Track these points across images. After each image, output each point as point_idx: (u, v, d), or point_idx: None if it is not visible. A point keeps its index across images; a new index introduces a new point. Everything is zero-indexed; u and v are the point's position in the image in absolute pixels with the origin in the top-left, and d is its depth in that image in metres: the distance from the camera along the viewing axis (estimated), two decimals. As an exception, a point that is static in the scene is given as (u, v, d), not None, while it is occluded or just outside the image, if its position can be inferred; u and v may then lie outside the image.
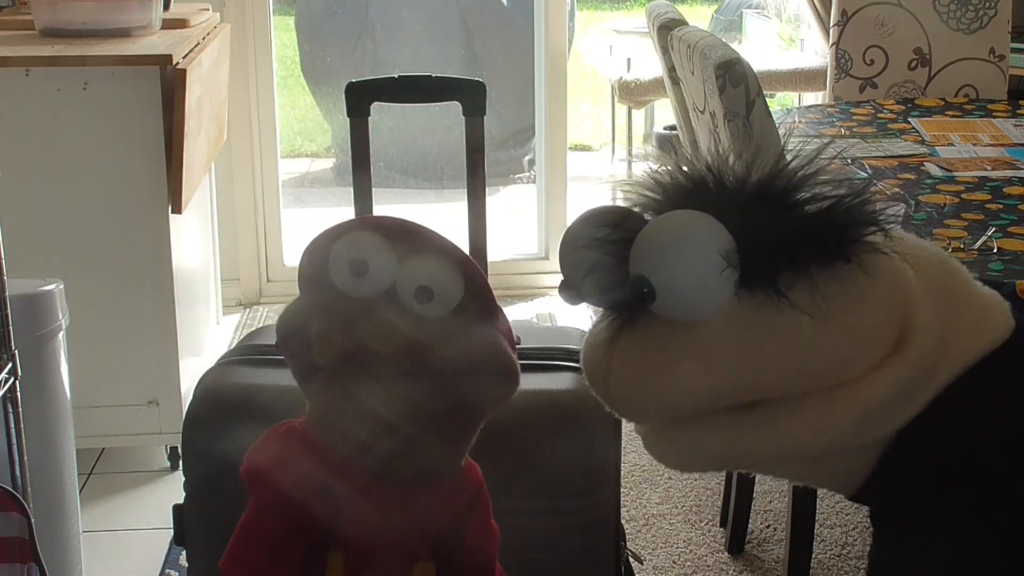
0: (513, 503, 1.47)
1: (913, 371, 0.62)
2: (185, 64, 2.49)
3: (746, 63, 1.99)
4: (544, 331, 1.73)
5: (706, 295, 0.56)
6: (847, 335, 0.59)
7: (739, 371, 0.57)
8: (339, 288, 1.07)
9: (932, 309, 0.65)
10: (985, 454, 0.64)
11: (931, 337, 0.63)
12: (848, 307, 0.59)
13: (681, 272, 0.55)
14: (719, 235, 0.56)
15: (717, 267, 0.55)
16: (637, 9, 7.55)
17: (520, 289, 3.75)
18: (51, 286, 1.99)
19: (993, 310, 0.66)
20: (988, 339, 0.64)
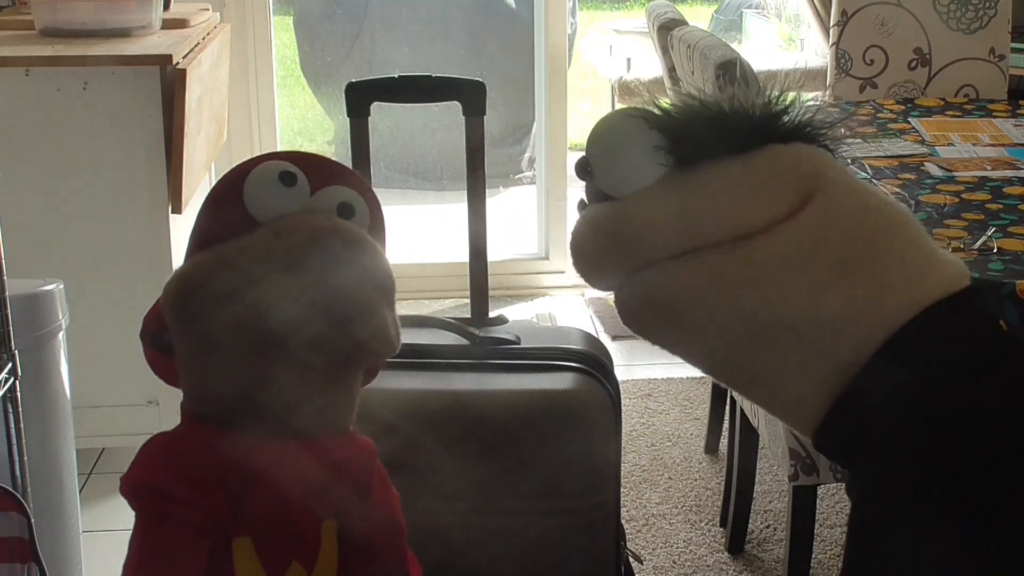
0: (513, 503, 1.47)
1: (810, 232, 0.65)
2: (185, 64, 2.49)
3: (746, 63, 1.99)
4: (544, 331, 1.73)
5: (630, 166, 0.67)
6: (749, 181, 0.66)
7: (663, 219, 0.66)
8: (256, 216, 1.04)
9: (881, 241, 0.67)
10: (940, 399, 0.65)
11: (839, 212, 0.66)
12: (755, 158, 0.67)
13: (608, 146, 0.68)
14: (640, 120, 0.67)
15: (638, 143, 0.68)
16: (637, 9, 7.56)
17: (520, 289, 3.75)
18: (51, 286, 1.99)
19: (951, 263, 0.67)
20: (940, 285, 0.65)
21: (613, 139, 0.69)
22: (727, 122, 0.68)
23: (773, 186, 0.66)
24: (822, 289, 0.64)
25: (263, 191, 1.04)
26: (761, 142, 0.68)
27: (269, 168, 1.07)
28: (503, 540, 1.48)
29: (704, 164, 0.67)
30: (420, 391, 1.48)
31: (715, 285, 0.67)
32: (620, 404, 1.53)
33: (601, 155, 0.69)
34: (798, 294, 0.65)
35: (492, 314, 1.68)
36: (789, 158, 0.67)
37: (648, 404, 2.99)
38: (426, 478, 1.46)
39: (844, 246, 0.65)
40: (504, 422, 1.46)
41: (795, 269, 0.64)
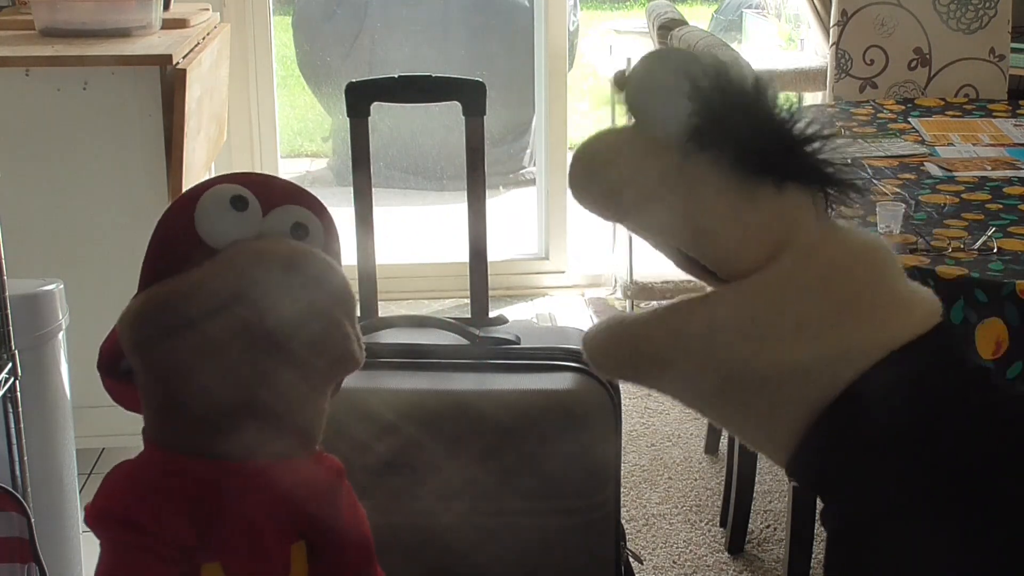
0: (513, 503, 1.47)
1: (774, 289, 0.67)
2: (185, 64, 2.49)
3: (746, 63, 1.99)
4: (544, 331, 1.73)
5: (658, 105, 0.69)
6: (727, 216, 0.68)
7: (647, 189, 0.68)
8: (208, 242, 1.03)
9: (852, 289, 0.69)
10: (906, 436, 0.66)
11: (804, 270, 0.68)
12: (742, 198, 0.69)
13: (650, 76, 0.69)
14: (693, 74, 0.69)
15: (676, 90, 0.69)
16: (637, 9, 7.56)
17: (520, 289, 3.75)
18: (51, 286, 1.99)
19: (921, 302, 0.69)
20: (908, 328, 0.67)
21: (660, 76, 0.69)
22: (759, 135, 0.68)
23: (747, 231, 0.68)
24: (789, 342, 0.66)
25: (215, 217, 1.03)
26: (766, 169, 0.68)
27: (219, 193, 1.06)
28: (503, 540, 1.48)
29: (712, 160, 0.68)
30: (420, 391, 1.48)
31: (681, 345, 0.69)
32: (620, 404, 1.53)
33: (639, 83, 0.70)
34: (764, 349, 0.66)
35: (492, 314, 1.68)
36: (770, 211, 0.68)
37: (648, 404, 2.99)
38: (426, 478, 1.46)
39: (810, 304, 0.66)
40: (504, 422, 1.46)
41: (760, 326, 0.66)
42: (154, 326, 0.99)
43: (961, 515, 0.65)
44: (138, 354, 1.01)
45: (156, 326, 0.99)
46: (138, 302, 1.03)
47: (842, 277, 0.67)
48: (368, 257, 1.68)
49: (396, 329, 1.59)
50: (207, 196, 1.04)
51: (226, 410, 0.99)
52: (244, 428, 1.01)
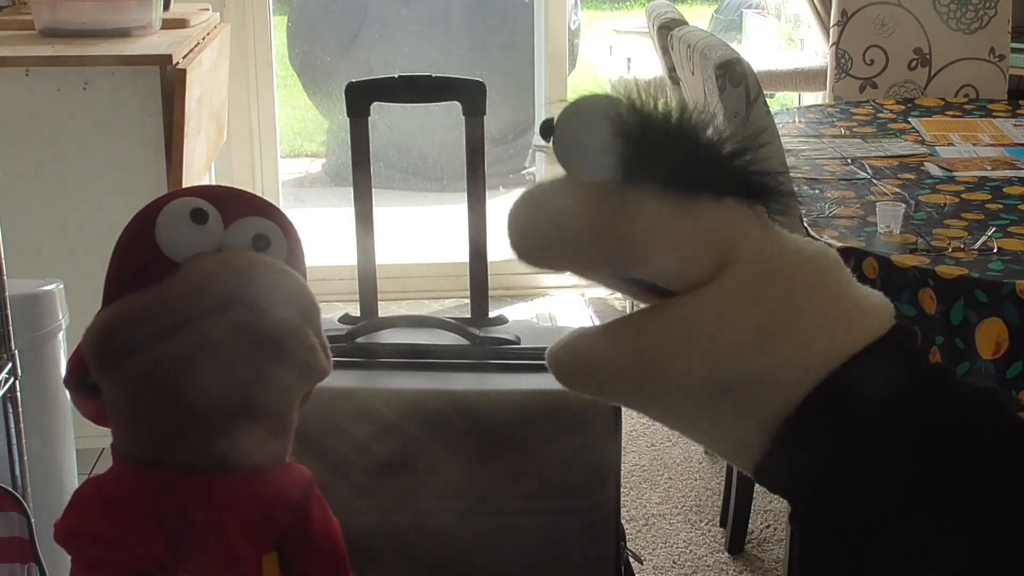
0: (513, 503, 1.47)
1: (724, 300, 0.68)
2: (185, 64, 2.49)
3: (746, 63, 1.99)
4: (544, 331, 1.73)
5: (585, 152, 0.69)
6: (670, 232, 0.69)
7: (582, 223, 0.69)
8: (170, 256, 1.03)
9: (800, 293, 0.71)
10: (870, 436, 0.68)
11: (753, 279, 0.69)
12: (682, 211, 0.70)
13: (574, 123, 0.71)
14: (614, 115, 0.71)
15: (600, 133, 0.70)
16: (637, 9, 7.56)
17: (520, 289, 3.75)
18: (51, 286, 1.99)
19: (873, 309, 0.70)
20: (866, 332, 0.68)
21: (581, 122, 0.72)
22: (682, 156, 0.70)
23: (690, 248, 0.69)
24: (746, 350, 0.67)
25: (175, 231, 1.04)
26: (699, 186, 0.70)
27: (179, 207, 1.06)
28: (503, 540, 1.48)
29: (644, 187, 0.69)
30: (420, 391, 1.48)
31: (640, 360, 0.70)
32: (620, 404, 1.53)
33: (566, 130, 0.72)
34: (722, 358, 0.68)
35: (492, 314, 1.68)
36: (712, 220, 0.69)
37: (648, 404, 2.99)
38: (426, 478, 1.46)
39: (760, 311, 0.67)
40: (504, 422, 1.46)
41: (715, 335, 0.67)
42: (118, 343, 1.00)
43: (930, 512, 0.66)
44: (103, 370, 1.01)
45: (120, 343, 0.99)
46: (101, 319, 1.03)
47: (791, 284, 0.68)
48: (368, 257, 1.68)
49: (396, 329, 1.59)
50: (167, 210, 1.05)
51: (194, 423, 1.00)
52: (212, 440, 1.01)
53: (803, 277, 0.69)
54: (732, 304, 0.67)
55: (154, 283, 1.02)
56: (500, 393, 1.48)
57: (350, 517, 1.45)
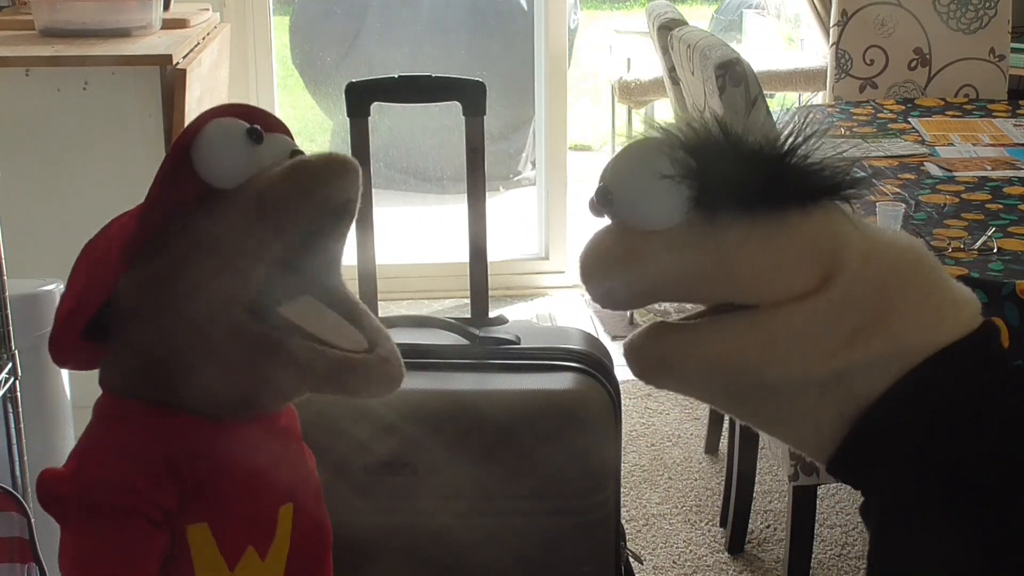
0: (513, 503, 1.47)
1: (831, 310, 0.68)
2: (185, 64, 2.49)
3: (746, 63, 1.99)
4: (544, 331, 1.73)
5: (653, 206, 0.68)
6: (770, 257, 0.68)
7: (678, 273, 0.68)
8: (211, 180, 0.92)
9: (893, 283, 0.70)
10: (949, 440, 0.67)
11: (858, 286, 0.69)
12: (776, 233, 0.69)
13: (632, 183, 0.68)
14: (666, 159, 0.69)
15: (663, 184, 0.68)
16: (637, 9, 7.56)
17: (520, 289, 3.75)
18: (51, 286, 1.99)
19: (965, 304, 0.70)
20: (955, 328, 0.68)
21: (639, 177, 0.68)
22: (750, 173, 0.68)
23: (793, 264, 0.68)
24: (844, 352, 0.67)
25: (228, 153, 0.92)
26: (781, 198, 0.68)
27: (230, 126, 0.94)
28: (503, 540, 1.48)
29: (725, 217, 0.68)
30: (420, 391, 1.48)
31: (739, 358, 0.69)
32: (620, 404, 1.53)
33: (625, 190, 0.69)
34: (820, 362, 0.67)
35: (492, 314, 1.68)
36: (809, 235, 0.68)
37: (648, 404, 2.99)
38: (426, 478, 1.46)
39: (863, 315, 0.67)
40: (504, 422, 1.46)
41: (815, 341, 0.67)
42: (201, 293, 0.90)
43: (1000, 511, 0.66)
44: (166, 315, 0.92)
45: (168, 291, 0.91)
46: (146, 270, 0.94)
47: (893, 285, 0.68)
48: (368, 257, 1.68)
49: (396, 329, 1.59)
50: (214, 129, 0.93)
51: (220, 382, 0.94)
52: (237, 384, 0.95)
53: (899, 276, 0.69)
54: (836, 313, 0.66)
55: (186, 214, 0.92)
56: (500, 393, 1.48)
57: (350, 517, 1.45)
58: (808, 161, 0.69)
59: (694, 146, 0.68)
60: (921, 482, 0.67)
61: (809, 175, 0.68)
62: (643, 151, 0.69)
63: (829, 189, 0.69)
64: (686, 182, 0.67)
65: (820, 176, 0.69)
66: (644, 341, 0.73)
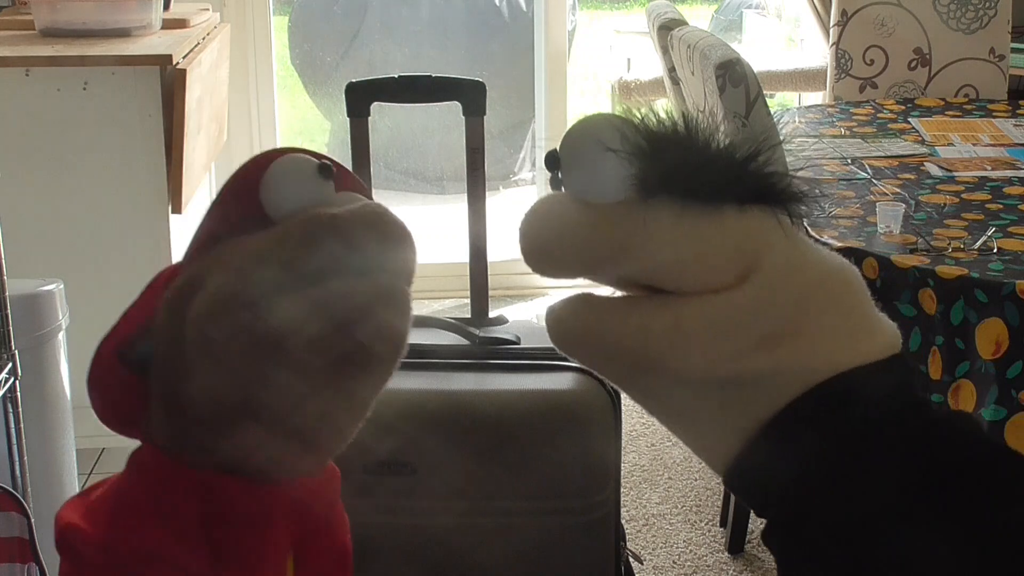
0: (513, 503, 1.47)
1: (741, 309, 0.68)
2: (185, 64, 2.49)
3: (746, 63, 1.99)
4: (544, 331, 1.73)
5: (595, 177, 0.69)
6: (694, 245, 0.69)
7: (606, 246, 0.69)
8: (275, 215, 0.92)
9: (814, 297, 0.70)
10: (844, 452, 0.68)
11: (774, 292, 0.69)
12: (707, 224, 0.70)
13: (578, 151, 0.69)
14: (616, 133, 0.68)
15: (607, 156, 0.67)
16: (637, 9, 7.56)
17: (520, 289, 3.75)
18: (51, 286, 1.99)
19: (882, 333, 0.70)
20: (866, 354, 0.68)
21: (587, 146, 0.70)
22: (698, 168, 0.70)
23: (714, 258, 0.68)
24: (748, 354, 0.67)
25: (298, 187, 0.93)
26: (721, 196, 0.70)
27: (301, 161, 0.95)
28: (503, 540, 1.48)
29: (662, 200, 0.69)
30: (420, 391, 1.48)
31: (640, 339, 0.69)
32: (620, 404, 1.53)
33: (572, 157, 0.70)
34: (722, 359, 0.67)
35: (492, 314, 1.68)
36: (737, 232, 0.69)
37: (648, 404, 2.99)
38: (426, 478, 1.46)
39: (773, 322, 0.67)
40: (504, 422, 1.46)
41: (720, 337, 0.67)
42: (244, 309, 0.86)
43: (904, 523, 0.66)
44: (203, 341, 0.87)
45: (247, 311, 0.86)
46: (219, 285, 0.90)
47: (807, 298, 0.68)
48: (368, 257, 1.68)
49: (396, 329, 1.59)
50: (285, 163, 0.94)
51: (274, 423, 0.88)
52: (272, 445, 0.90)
53: (821, 292, 0.69)
54: (747, 312, 0.66)
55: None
56: (500, 393, 1.48)
57: (350, 517, 1.45)
58: (760, 166, 0.69)
59: (649, 130, 0.70)
60: (811, 502, 0.68)
61: (756, 179, 0.69)
62: (595, 123, 0.70)
63: (771, 196, 0.70)
64: (630, 159, 0.68)
65: (766, 182, 0.69)
66: (564, 310, 0.73)
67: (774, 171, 0.71)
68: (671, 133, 0.71)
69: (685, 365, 0.70)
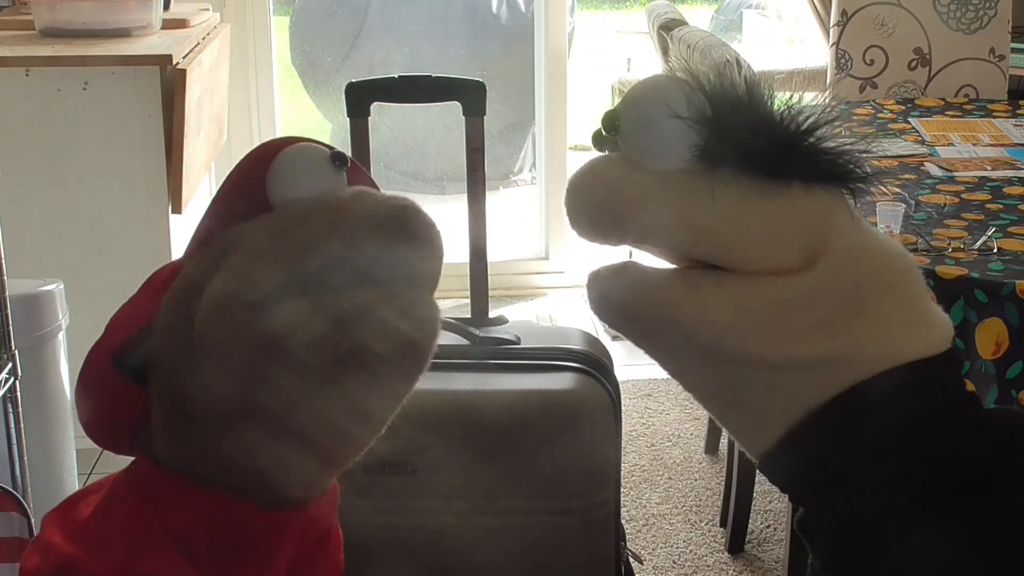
0: (513, 503, 1.47)
1: (806, 293, 0.66)
2: (185, 64, 2.49)
3: (746, 63, 1.99)
4: (544, 331, 1.73)
5: (658, 142, 0.65)
6: (762, 223, 0.66)
7: (665, 214, 0.66)
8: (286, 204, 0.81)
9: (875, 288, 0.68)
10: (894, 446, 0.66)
11: (839, 277, 0.67)
12: (774, 201, 0.67)
13: (642, 114, 0.66)
14: (683, 98, 0.65)
15: (673, 122, 0.64)
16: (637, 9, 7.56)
17: (520, 289, 3.75)
18: (51, 286, 1.99)
19: (937, 325, 0.68)
20: (921, 347, 0.67)
21: (653, 110, 0.66)
22: (768, 139, 0.67)
23: (782, 238, 0.66)
24: (806, 337, 0.65)
25: (309, 177, 0.82)
26: (787, 171, 0.67)
27: (312, 150, 0.83)
28: (503, 540, 1.48)
29: (727, 173, 0.66)
30: (420, 391, 1.47)
31: (699, 317, 0.67)
32: (620, 404, 1.53)
33: (635, 120, 0.67)
34: (780, 344, 0.65)
35: (492, 314, 1.68)
36: (806, 212, 0.66)
37: (648, 404, 2.99)
38: (426, 478, 1.46)
39: (836, 307, 0.65)
40: (504, 422, 1.46)
41: (781, 320, 0.65)
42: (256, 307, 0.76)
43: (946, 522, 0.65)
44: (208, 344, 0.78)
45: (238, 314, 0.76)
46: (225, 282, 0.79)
47: (872, 287, 0.66)
48: (368, 257, 1.68)
49: (396, 329, 1.59)
50: (295, 151, 0.83)
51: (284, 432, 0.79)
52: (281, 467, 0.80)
53: (883, 279, 0.67)
54: (811, 297, 0.64)
55: None
56: (500, 393, 1.48)
57: (350, 517, 1.45)
58: (824, 144, 0.67)
59: (714, 95, 0.67)
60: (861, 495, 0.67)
61: (822, 157, 0.67)
62: (661, 85, 0.66)
63: (839, 176, 0.68)
64: (696, 127, 0.65)
65: (834, 161, 0.67)
66: (611, 282, 0.70)
67: (841, 148, 0.68)
68: (735, 100, 0.68)
69: (741, 346, 0.67)
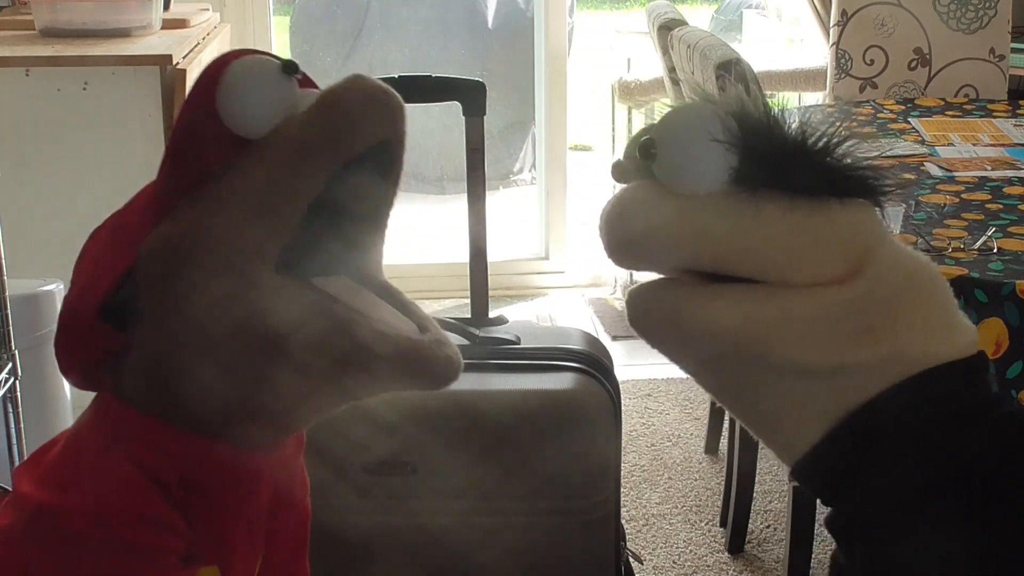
0: (513, 503, 1.47)
1: (852, 303, 0.67)
2: (185, 64, 2.49)
3: (746, 63, 1.99)
4: (544, 331, 1.73)
5: (697, 167, 0.66)
6: (806, 238, 0.68)
7: (708, 236, 0.67)
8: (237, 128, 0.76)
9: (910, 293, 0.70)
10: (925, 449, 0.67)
11: (881, 286, 0.68)
12: (816, 216, 0.69)
13: (681, 139, 0.67)
14: (720, 123, 0.66)
15: (712, 146, 0.65)
16: (637, 9, 7.56)
17: (520, 289, 3.75)
18: (51, 286, 1.99)
19: (965, 330, 0.70)
20: (951, 351, 0.68)
21: (692, 136, 0.67)
22: (799, 159, 0.68)
23: (825, 251, 0.67)
24: (848, 345, 0.66)
25: (261, 91, 0.76)
26: (823, 189, 0.69)
27: (261, 62, 0.76)
28: (503, 540, 1.48)
29: (764, 195, 0.67)
30: (420, 391, 1.48)
31: (748, 330, 0.68)
32: (620, 404, 1.53)
33: (674, 146, 0.68)
34: (827, 352, 0.67)
35: (492, 314, 1.68)
36: (846, 226, 0.68)
37: (648, 404, 2.99)
38: (426, 478, 1.46)
39: (880, 314, 0.67)
40: (504, 422, 1.46)
41: (827, 330, 0.66)
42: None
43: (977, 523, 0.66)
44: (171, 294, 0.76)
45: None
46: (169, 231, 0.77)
47: (909, 295, 0.68)
48: (368, 257, 1.68)
49: (396, 329, 1.59)
50: (243, 65, 0.75)
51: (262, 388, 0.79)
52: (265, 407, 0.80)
53: (918, 287, 0.69)
54: (857, 308, 0.66)
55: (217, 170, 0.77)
56: (500, 393, 1.48)
57: (350, 517, 1.45)
58: (847, 160, 0.69)
59: (741, 118, 0.68)
60: (891, 497, 0.68)
61: (849, 172, 0.68)
62: (698, 111, 0.68)
63: (868, 189, 0.69)
64: (733, 150, 0.66)
65: (861, 176, 0.69)
66: (654, 299, 0.71)
67: (867, 164, 0.71)
68: (762, 123, 0.70)
69: (788, 356, 0.69)
